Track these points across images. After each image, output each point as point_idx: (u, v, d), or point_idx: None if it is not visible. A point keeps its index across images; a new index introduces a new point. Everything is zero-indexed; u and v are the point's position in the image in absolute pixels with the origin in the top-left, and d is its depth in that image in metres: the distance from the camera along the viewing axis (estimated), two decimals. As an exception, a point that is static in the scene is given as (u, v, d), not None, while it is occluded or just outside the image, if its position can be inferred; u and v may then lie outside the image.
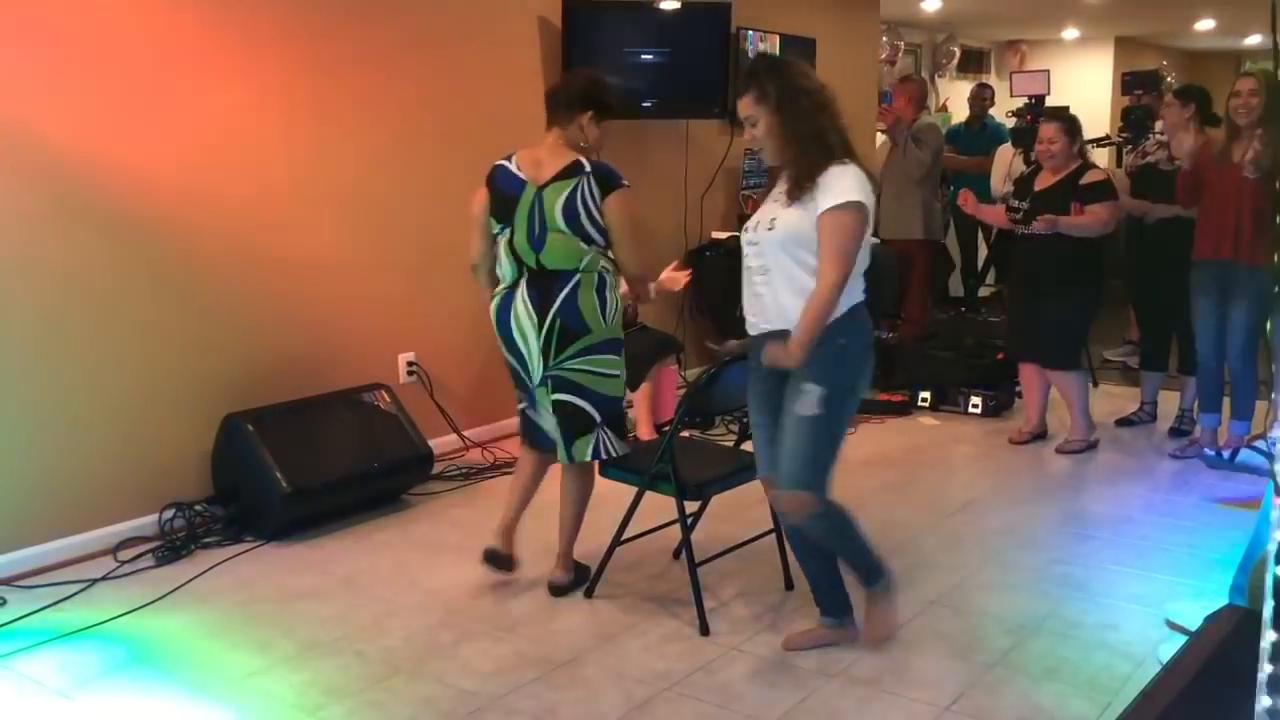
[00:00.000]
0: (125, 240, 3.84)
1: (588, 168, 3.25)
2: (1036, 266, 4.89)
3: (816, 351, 2.78)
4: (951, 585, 3.55)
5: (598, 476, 3.53)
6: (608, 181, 3.26)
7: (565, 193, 3.21)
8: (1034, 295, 4.94)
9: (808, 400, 2.81)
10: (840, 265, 2.74)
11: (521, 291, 3.28)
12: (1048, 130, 4.87)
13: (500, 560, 3.52)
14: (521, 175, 3.27)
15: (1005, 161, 7.57)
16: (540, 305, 3.25)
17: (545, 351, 3.28)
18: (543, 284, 3.25)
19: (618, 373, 3.37)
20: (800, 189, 2.78)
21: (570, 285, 3.24)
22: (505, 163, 3.32)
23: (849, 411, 2.93)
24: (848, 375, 2.86)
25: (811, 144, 2.79)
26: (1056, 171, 4.85)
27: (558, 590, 3.48)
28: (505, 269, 3.32)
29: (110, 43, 3.75)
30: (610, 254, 3.33)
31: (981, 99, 8.19)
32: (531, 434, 3.51)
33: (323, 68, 4.38)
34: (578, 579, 3.52)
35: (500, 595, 3.48)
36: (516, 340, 3.31)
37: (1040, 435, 5.19)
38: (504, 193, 3.28)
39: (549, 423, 3.39)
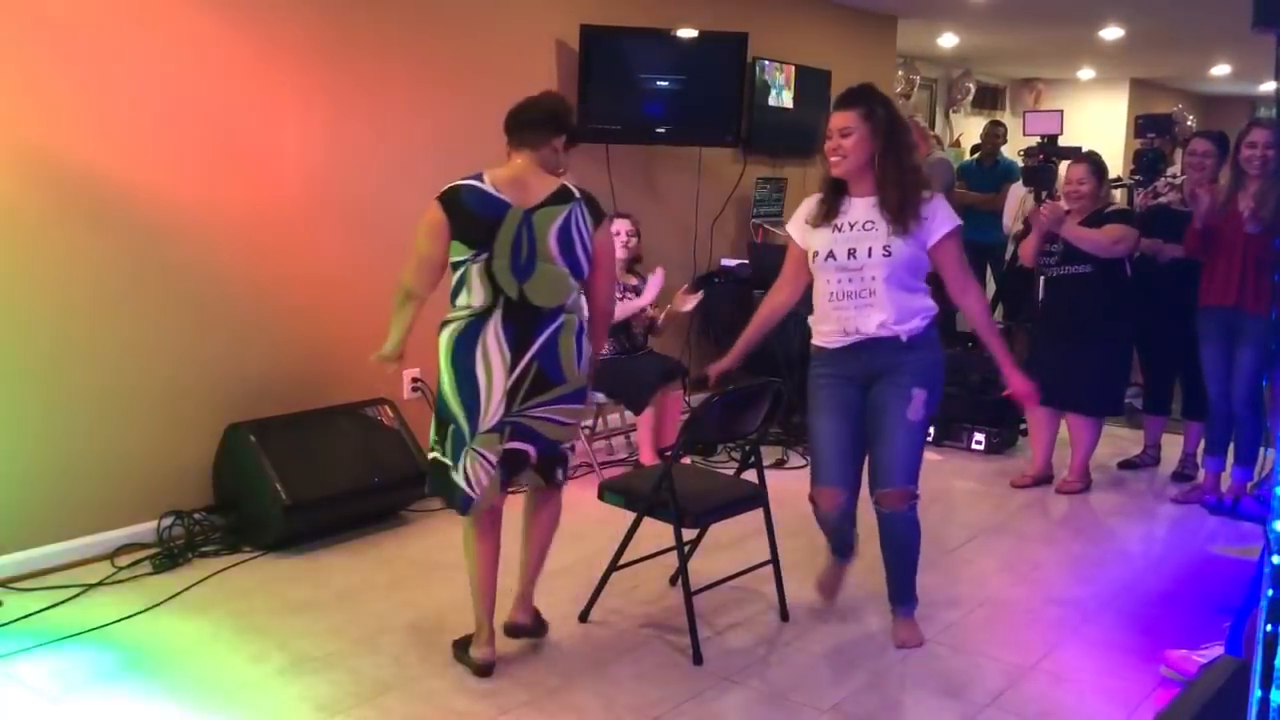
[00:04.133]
0: (134, 247, 3.86)
1: (577, 194, 3.03)
2: (1077, 310, 4.82)
3: (921, 360, 3.19)
4: (948, 623, 3.54)
5: (598, 501, 3.53)
6: (599, 210, 3.10)
7: (559, 220, 2.96)
8: (1075, 339, 4.85)
9: (916, 405, 3.17)
10: (973, 278, 3.29)
11: (495, 323, 2.94)
12: (1077, 171, 4.81)
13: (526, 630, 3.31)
14: (502, 197, 2.93)
15: (1017, 199, 7.60)
16: (516, 344, 2.94)
17: (511, 395, 2.95)
18: (522, 320, 2.94)
19: (574, 421, 3.12)
20: (905, 219, 3.11)
21: (553, 328, 2.97)
22: (475, 182, 2.96)
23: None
24: (941, 379, 3.29)
25: (910, 177, 3.15)
26: (1083, 213, 4.79)
27: (514, 633, 3.26)
28: (475, 295, 2.95)
29: (124, 52, 3.78)
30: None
31: (994, 136, 8.22)
32: (446, 486, 3.03)
33: (338, 84, 4.42)
34: (536, 626, 3.32)
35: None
36: (479, 376, 2.93)
37: (1045, 480, 5.13)
38: (478, 215, 2.92)
39: (470, 472, 2.98)
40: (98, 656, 3.14)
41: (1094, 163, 4.89)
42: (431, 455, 3.09)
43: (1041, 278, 5.05)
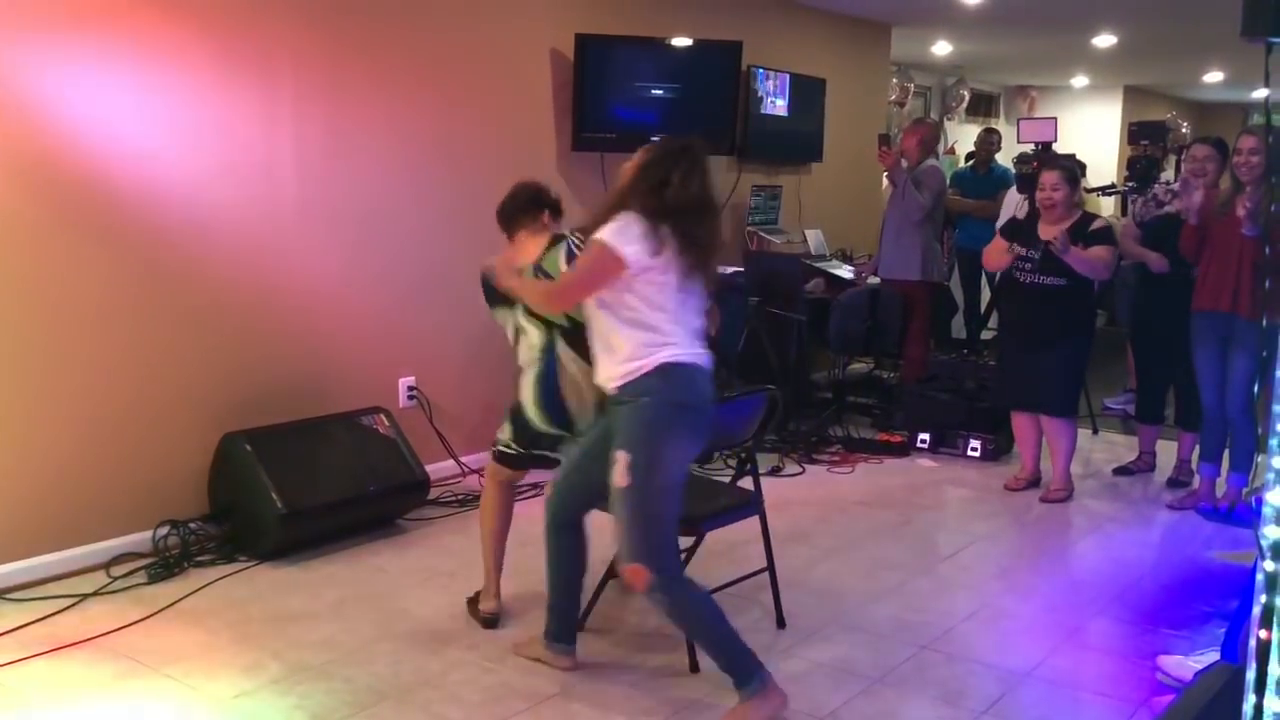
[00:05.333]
0: (129, 256, 3.86)
1: (566, 231, 3.29)
2: (1037, 314, 4.90)
3: (620, 415, 2.80)
4: (944, 630, 3.54)
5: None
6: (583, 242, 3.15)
7: (562, 252, 3.18)
8: (1034, 343, 4.94)
9: (619, 469, 2.77)
10: (562, 288, 2.97)
11: (562, 347, 3.17)
12: (1050, 178, 4.86)
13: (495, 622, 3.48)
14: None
15: (1012, 206, 7.60)
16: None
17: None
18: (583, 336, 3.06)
19: None
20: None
21: None
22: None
23: (666, 479, 2.80)
24: (653, 439, 2.76)
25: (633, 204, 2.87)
26: (1058, 220, 4.82)
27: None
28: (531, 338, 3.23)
29: (124, 60, 3.79)
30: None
31: (988, 143, 8.24)
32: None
33: (333, 92, 4.42)
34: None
35: (491, 624, 3.47)
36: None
37: (1035, 482, 5.17)
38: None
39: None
40: (92, 667, 3.13)
41: (1066, 169, 4.93)
42: None
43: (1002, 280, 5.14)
